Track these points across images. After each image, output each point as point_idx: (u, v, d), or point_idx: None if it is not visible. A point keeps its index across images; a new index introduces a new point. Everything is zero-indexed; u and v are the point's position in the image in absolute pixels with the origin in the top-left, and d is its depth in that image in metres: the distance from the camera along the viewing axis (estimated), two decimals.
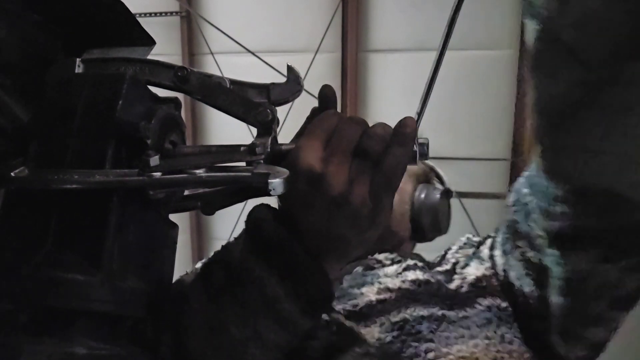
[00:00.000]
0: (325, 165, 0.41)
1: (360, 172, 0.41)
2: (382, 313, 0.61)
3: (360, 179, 0.41)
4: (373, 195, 0.41)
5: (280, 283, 0.41)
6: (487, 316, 0.61)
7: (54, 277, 0.36)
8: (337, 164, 0.41)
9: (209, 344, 0.42)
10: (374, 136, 0.42)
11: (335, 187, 0.40)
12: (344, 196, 0.41)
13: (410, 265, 0.68)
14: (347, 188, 0.41)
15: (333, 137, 0.42)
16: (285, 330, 0.42)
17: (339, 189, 0.40)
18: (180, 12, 3.16)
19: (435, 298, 0.63)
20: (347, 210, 0.41)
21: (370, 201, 0.41)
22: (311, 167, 0.41)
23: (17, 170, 0.37)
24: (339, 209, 0.41)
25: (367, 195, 0.41)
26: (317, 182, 0.41)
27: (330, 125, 0.43)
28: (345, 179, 0.41)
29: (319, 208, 0.41)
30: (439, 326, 0.59)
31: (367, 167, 0.41)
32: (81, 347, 0.36)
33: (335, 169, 0.41)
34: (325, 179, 0.41)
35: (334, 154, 0.41)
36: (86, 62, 0.44)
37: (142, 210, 0.41)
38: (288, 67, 0.44)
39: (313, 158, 0.41)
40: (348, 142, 0.42)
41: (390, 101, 2.94)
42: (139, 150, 0.39)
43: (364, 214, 0.41)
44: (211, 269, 0.45)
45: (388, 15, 2.88)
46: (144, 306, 0.40)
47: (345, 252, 0.45)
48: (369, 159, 0.41)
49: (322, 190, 0.41)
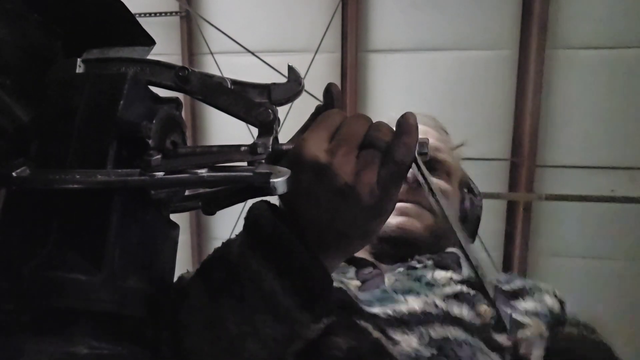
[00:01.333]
0: (330, 156, 0.41)
1: (367, 162, 0.41)
2: (424, 324, 0.58)
3: (368, 169, 0.41)
4: (381, 185, 0.41)
5: (278, 278, 0.40)
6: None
7: (56, 277, 0.36)
8: (343, 155, 0.40)
9: (207, 340, 0.42)
10: (380, 128, 0.42)
11: (341, 177, 0.40)
12: (350, 186, 0.40)
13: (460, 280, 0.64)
14: (354, 178, 0.40)
15: (339, 130, 0.42)
16: (283, 325, 0.42)
17: (345, 179, 0.40)
18: (180, 12, 3.16)
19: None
20: (353, 200, 0.40)
21: (378, 191, 0.41)
22: (316, 157, 0.40)
23: (19, 170, 0.37)
24: (346, 200, 0.41)
25: (374, 185, 0.41)
26: (323, 172, 0.40)
27: (335, 121, 0.43)
28: (352, 169, 0.40)
29: (324, 199, 0.41)
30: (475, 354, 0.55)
31: (374, 158, 0.41)
32: (83, 347, 0.36)
33: (341, 160, 0.40)
34: (331, 169, 0.40)
35: (339, 146, 0.41)
36: (87, 62, 0.44)
37: (144, 210, 0.41)
38: (289, 67, 0.44)
39: (318, 149, 0.41)
40: (354, 135, 0.41)
41: (390, 101, 2.94)
42: (141, 150, 0.39)
43: (371, 204, 0.41)
44: (210, 266, 0.45)
45: (388, 15, 2.88)
46: (145, 306, 0.40)
47: (347, 246, 0.44)
48: (376, 149, 0.41)
49: (328, 181, 0.40)
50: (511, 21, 2.74)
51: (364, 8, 2.91)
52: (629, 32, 2.61)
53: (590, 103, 2.71)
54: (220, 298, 0.42)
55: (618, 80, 2.66)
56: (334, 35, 2.95)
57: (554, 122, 2.78)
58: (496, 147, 2.87)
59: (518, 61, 2.75)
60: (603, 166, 2.75)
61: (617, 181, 2.74)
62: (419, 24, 2.80)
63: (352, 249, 0.46)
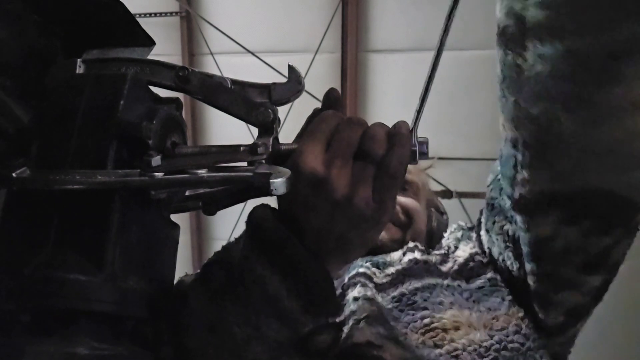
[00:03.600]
0: (327, 168, 0.41)
1: (362, 174, 0.42)
2: (383, 290, 0.64)
3: (363, 181, 0.41)
4: (377, 196, 0.42)
5: (282, 281, 0.41)
6: (478, 285, 0.64)
7: (56, 278, 0.36)
8: (339, 167, 0.41)
9: (211, 342, 0.42)
10: (374, 138, 0.42)
11: (338, 190, 0.41)
12: (347, 198, 0.41)
13: (410, 247, 0.73)
14: (351, 190, 0.41)
15: (334, 140, 0.42)
16: (287, 327, 0.42)
17: (342, 192, 0.41)
18: (180, 12, 3.16)
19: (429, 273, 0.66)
20: (350, 212, 0.41)
21: (374, 202, 0.42)
22: (314, 170, 0.41)
23: (19, 170, 0.37)
24: (343, 211, 0.42)
25: (370, 197, 0.42)
26: (320, 185, 0.41)
27: (330, 126, 0.43)
28: (348, 181, 0.41)
29: (322, 211, 0.42)
30: (432, 293, 0.61)
31: (369, 169, 0.42)
32: (83, 348, 0.36)
33: (337, 172, 0.41)
34: (329, 182, 0.41)
35: (335, 157, 0.41)
36: (87, 62, 0.44)
37: (144, 210, 0.41)
38: (289, 67, 0.44)
39: (315, 161, 0.41)
40: (349, 145, 0.42)
41: (390, 101, 2.94)
42: (141, 150, 0.39)
43: (367, 215, 0.42)
44: (211, 270, 0.45)
45: (388, 15, 2.88)
46: (146, 306, 0.40)
47: (347, 253, 0.45)
48: (370, 160, 0.42)
49: (326, 193, 0.41)
50: None
51: (364, 8, 2.91)
52: None
53: None
54: (223, 301, 0.42)
55: None
56: (334, 36, 2.95)
57: None
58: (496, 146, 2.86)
59: None
60: None
61: None
62: (419, 24, 2.80)
63: (350, 257, 0.47)
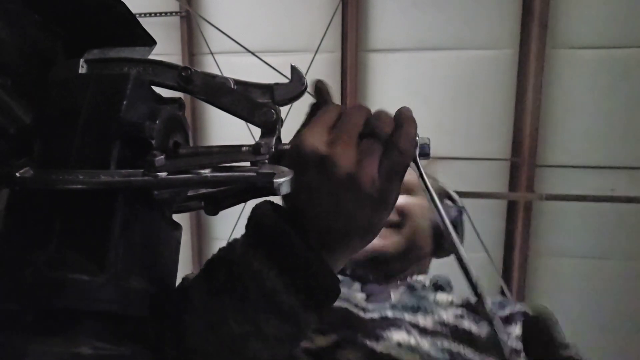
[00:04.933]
0: (330, 146, 0.40)
1: (368, 151, 0.40)
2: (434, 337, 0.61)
3: (369, 158, 0.40)
4: (384, 175, 0.40)
5: (279, 276, 0.40)
6: None
7: (59, 278, 0.36)
8: (343, 145, 0.40)
9: (210, 340, 0.41)
10: (381, 118, 0.41)
11: (342, 167, 0.39)
12: (352, 176, 0.39)
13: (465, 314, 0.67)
14: (355, 168, 0.40)
15: (338, 122, 0.41)
16: (287, 323, 0.41)
17: (346, 170, 0.39)
18: (180, 12, 3.16)
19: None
20: (355, 191, 0.40)
21: (380, 181, 0.40)
22: (315, 149, 0.40)
23: (22, 170, 0.37)
24: (348, 191, 0.40)
25: (376, 175, 0.40)
26: (323, 164, 0.40)
27: (333, 114, 0.42)
28: (353, 159, 0.40)
29: (325, 192, 0.40)
30: None
31: (375, 147, 0.40)
32: (86, 348, 0.36)
33: (341, 150, 0.40)
34: (332, 159, 0.39)
35: (339, 137, 0.40)
36: (89, 62, 0.44)
37: (147, 210, 0.41)
38: (292, 68, 0.44)
39: (317, 141, 0.40)
40: (354, 125, 0.41)
41: (390, 101, 2.93)
42: (144, 150, 0.39)
43: (372, 194, 0.40)
44: (213, 266, 0.44)
45: (388, 15, 2.88)
46: (148, 306, 0.40)
47: (350, 242, 0.44)
48: (377, 139, 0.41)
49: (329, 172, 0.40)
50: (511, 21, 2.73)
51: (364, 8, 2.91)
52: (629, 32, 2.61)
53: (590, 103, 2.71)
54: (223, 298, 0.41)
55: (618, 80, 2.66)
56: (334, 35, 2.95)
57: (554, 122, 2.78)
58: (496, 146, 2.87)
59: (518, 61, 2.75)
60: (603, 166, 2.75)
61: (617, 181, 2.74)
62: (419, 23, 2.80)
63: (355, 246, 0.45)
